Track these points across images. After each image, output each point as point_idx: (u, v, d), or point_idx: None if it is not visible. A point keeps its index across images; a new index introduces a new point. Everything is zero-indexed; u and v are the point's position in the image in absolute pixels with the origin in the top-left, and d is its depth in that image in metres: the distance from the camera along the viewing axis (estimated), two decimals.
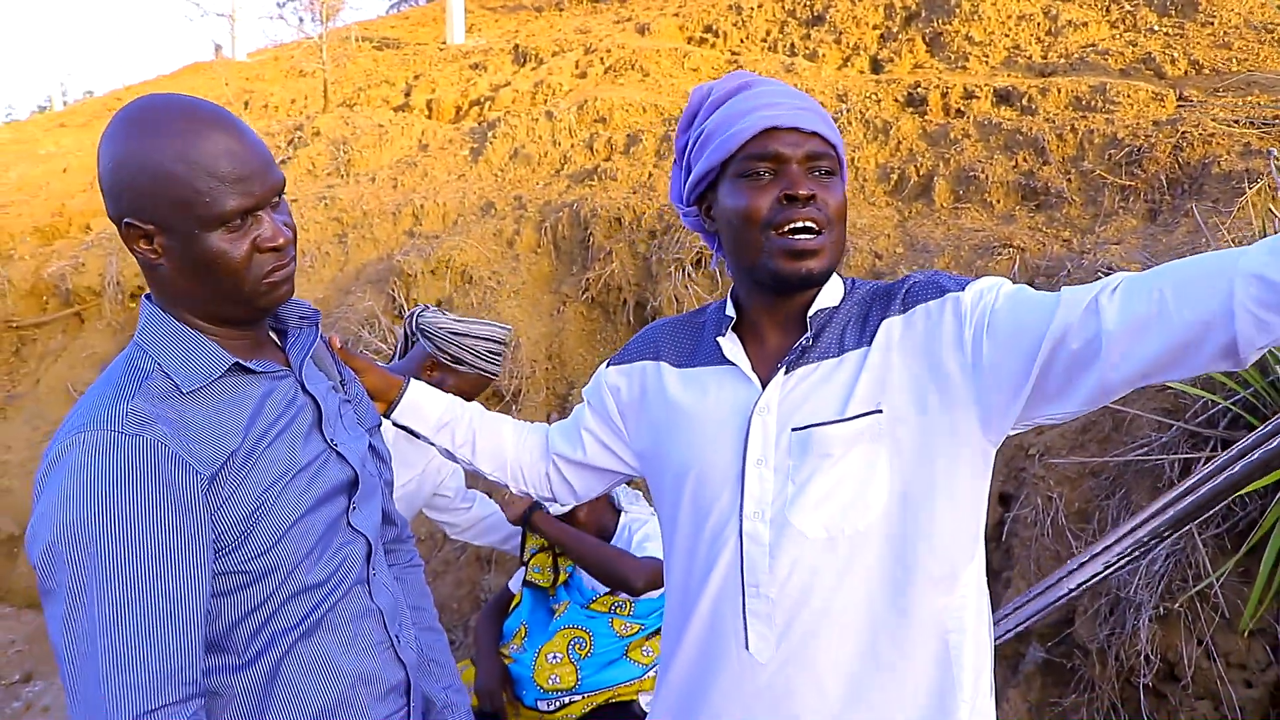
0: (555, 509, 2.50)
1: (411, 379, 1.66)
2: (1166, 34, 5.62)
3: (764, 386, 1.35)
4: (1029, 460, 2.89)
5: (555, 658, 2.42)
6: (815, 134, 1.31)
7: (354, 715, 1.28)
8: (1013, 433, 1.29)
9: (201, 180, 1.12)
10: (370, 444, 1.41)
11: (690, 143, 1.42)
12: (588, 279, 4.64)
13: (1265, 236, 2.36)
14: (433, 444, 1.65)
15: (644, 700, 2.42)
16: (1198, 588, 2.29)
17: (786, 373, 1.34)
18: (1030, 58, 5.66)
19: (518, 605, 2.62)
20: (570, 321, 4.65)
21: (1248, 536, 2.28)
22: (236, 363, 1.22)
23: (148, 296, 1.25)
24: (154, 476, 1.09)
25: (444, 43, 10.29)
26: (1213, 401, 2.42)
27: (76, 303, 6.65)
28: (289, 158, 7.32)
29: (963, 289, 1.27)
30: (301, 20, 13.61)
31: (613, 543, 2.58)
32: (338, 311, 5.09)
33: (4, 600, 5.07)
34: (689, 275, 4.27)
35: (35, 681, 4.38)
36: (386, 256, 5.47)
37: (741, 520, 1.33)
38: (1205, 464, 2.38)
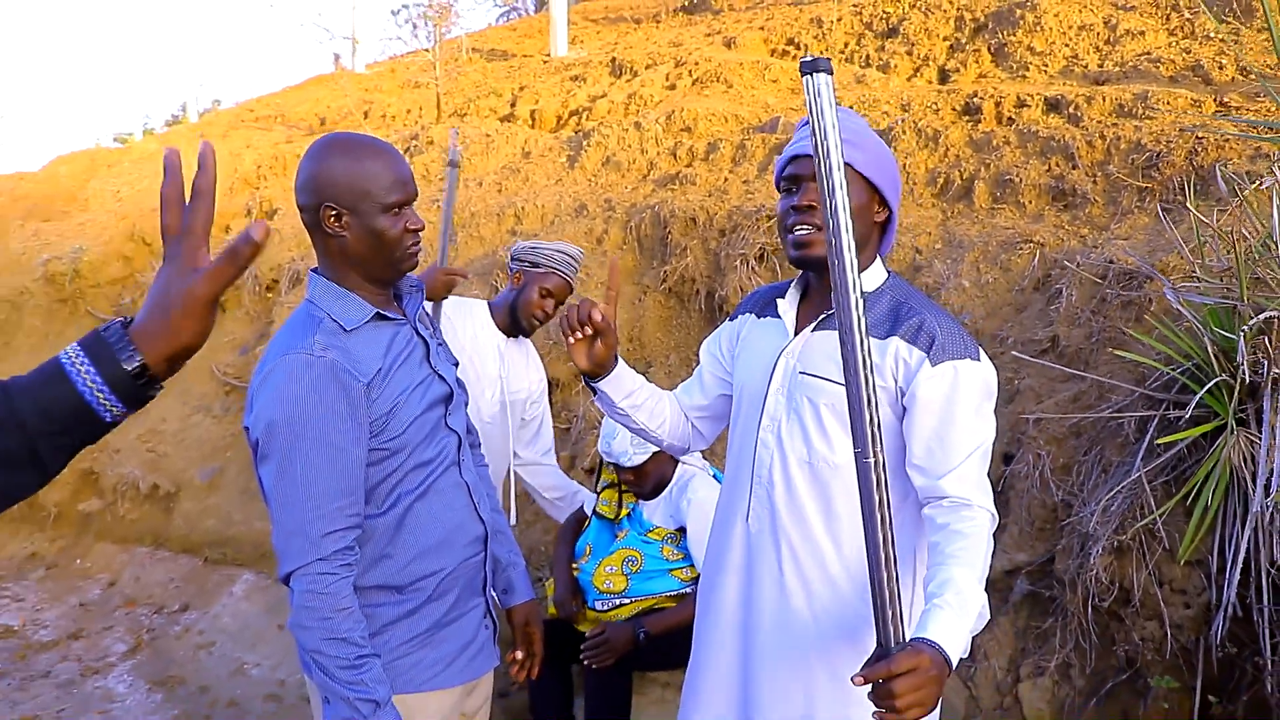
0: (632, 459, 3.06)
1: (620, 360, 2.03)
2: (1222, 40, 5.90)
3: (796, 336, 1.90)
4: (1027, 425, 3.35)
5: (611, 569, 3.02)
6: None
7: (451, 551, 1.91)
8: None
9: (381, 181, 1.77)
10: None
11: None
12: (665, 272, 5.20)
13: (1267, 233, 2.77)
14: (616, 406, 2.02)
15: None
16: (1144, 523, 2.74)
17: (814, 331, 1.89)
18: (1087, 66, 6.01)
19: (586, 528, 3.22)
20: (650, 310, 5.22)
21: (1187, 480, 2.72)
22: (378, 312, 1.84)
23: (314, 271, 1.87)
24: (335, 382, 1.72)
25: (548, 55, 10.95)
26: (1166, 371, 2.86)
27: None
28: None
29: (936, 364, 1.76)
30: (415, 27, 14.35)
31: (669, 489, 3.15)
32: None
33: (164, 546, 5.89)
34: (753, 269, 4.79)
35: (191, 611, 5.17)
36: (491, 253, 6.11)
37: (758, 430, 1.90)
38: (1155, 421, 2.84)
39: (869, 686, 1.44)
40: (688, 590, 3.00)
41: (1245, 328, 2.45)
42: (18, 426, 0.93)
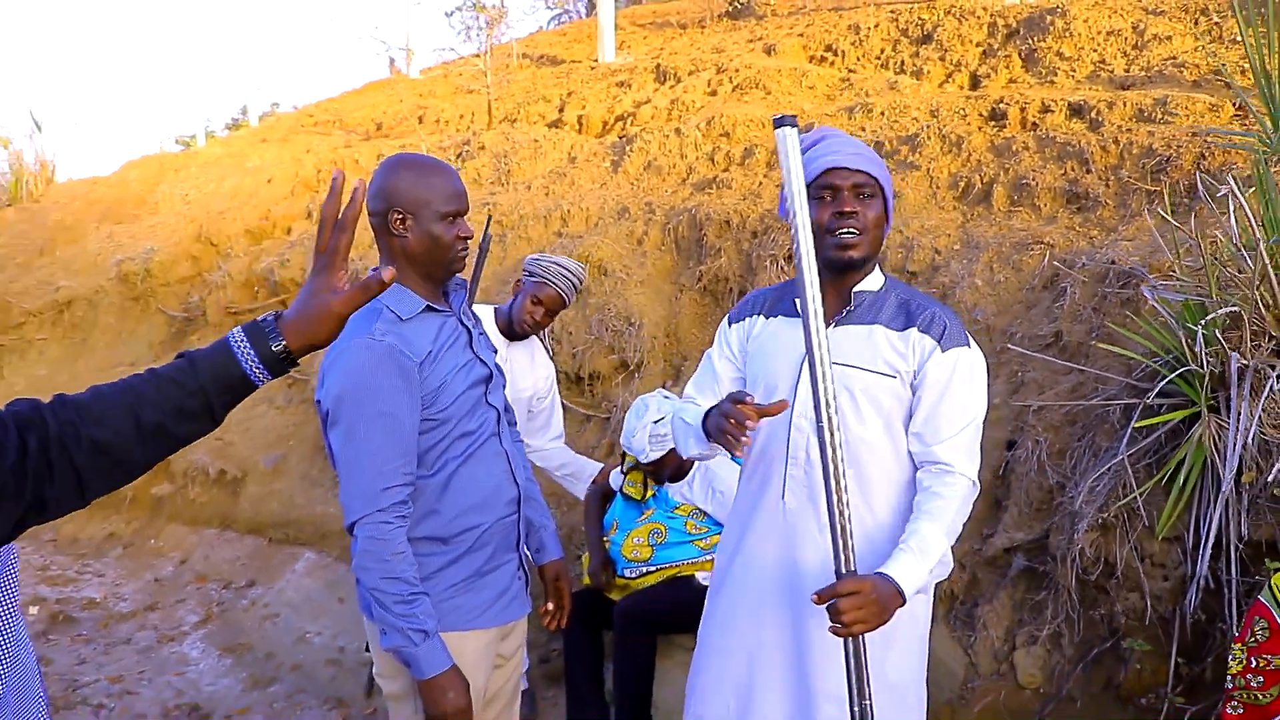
0: (649, 456, 3.36)
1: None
2: (1249, 44, 6.03)
3: None
4: (1028, 413, 3.59)
5: (638, 540, 3.33)
6: (860, 171, 2.12)
7: (490, 509, 2.22)
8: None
9: (441, 193, 2.11)
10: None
11: None
12: (701, 271, 5.49)
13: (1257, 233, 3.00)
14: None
15: (700, 577, 3.28)
16: (1125, 501, 2.98)
17: (833, 327, 2.16)
18: (1113, 71, 6.18)
19: (611, 505, 3.54)
20: (686, 307, 5.52)
21: (1166, 462, 2.96)
22: (428, 305, 2.15)
23: (374, 270, 2.18)
24: (393, 362, 2.04)
25: (595, 61, 11.26)
26: (1149, 363, 3.10)
27: (282, 292, 7.90)
28: (458, 169, 8.43)
29: (945, 350, 2.08)
30: (468, 29, 14.65)
31: (689, 475, 3.45)
32: (498, 298, 6.08)
33: (230, 527, 6.31)
34: (782, 269, 5.07)
35: (257, 586, 5.57)
36: (537, 253, 6.45)
37: (792, 417, 2.17)
38: (1139, 410, 3.07)
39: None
40: (708, 558, 3.29)
41: (1204, 321, 2.69)
42: (201, 390, 1.31)
